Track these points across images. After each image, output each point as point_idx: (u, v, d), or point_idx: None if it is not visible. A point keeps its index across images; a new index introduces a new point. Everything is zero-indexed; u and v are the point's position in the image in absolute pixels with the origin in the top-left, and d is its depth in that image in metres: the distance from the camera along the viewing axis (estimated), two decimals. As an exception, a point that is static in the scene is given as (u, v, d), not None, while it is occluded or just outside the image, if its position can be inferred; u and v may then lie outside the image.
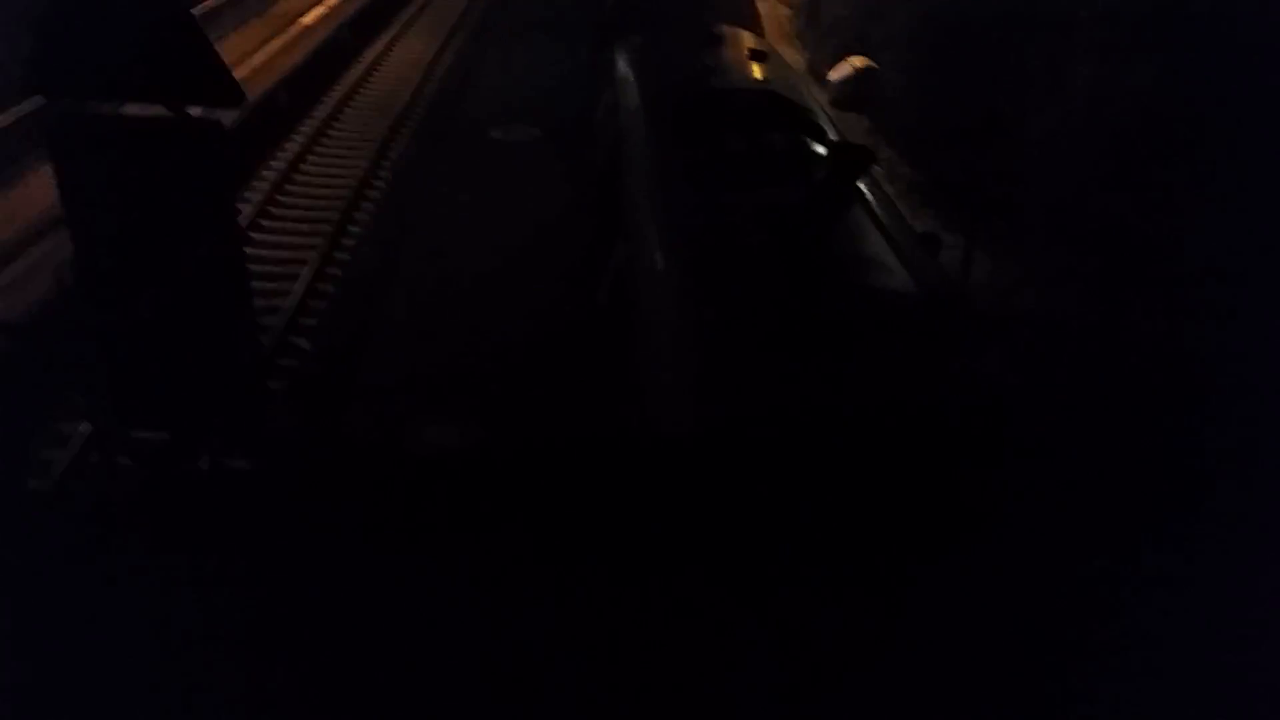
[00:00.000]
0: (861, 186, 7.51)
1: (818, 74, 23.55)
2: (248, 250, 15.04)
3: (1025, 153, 14.12)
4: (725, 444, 4.01)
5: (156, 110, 3.39)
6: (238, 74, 4.15)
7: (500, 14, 32.05)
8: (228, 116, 3.58)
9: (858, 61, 22.05)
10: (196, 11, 17.39)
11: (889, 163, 17.78)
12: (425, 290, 14.18)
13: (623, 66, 10.97)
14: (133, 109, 3.52)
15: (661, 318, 6.24)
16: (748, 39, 11.85)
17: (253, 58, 22.58)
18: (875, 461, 4.15)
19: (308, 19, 26.79)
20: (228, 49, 21.08)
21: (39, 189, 13.72)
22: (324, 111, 20.78)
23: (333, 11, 27.57)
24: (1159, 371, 9.79)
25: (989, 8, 20.36)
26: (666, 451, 3.55)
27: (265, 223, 15.66)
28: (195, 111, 3.44)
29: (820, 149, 8.31)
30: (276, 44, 23.97)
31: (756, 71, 10.16)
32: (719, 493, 3.49)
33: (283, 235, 15.45)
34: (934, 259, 7.58)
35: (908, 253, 7.06)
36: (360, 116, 21.23)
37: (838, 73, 22.23)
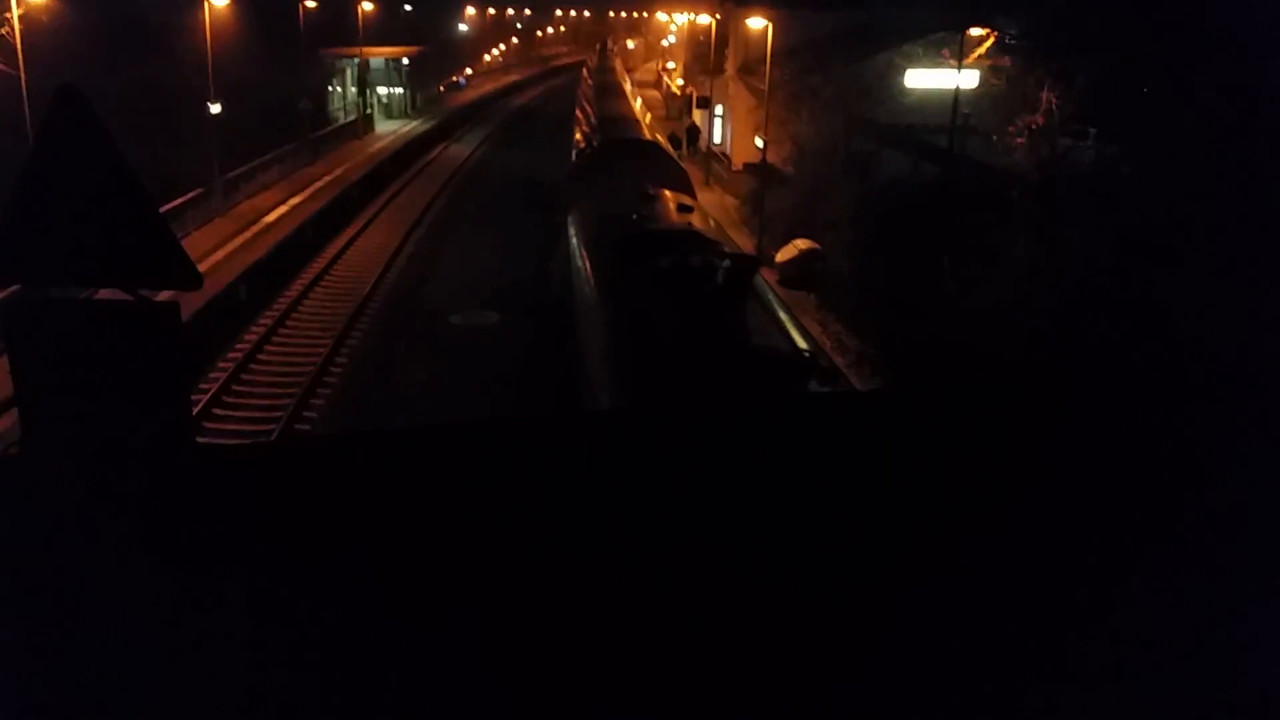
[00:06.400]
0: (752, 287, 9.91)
1: (766, 256, 24.56)
2: (206, 431, 15.01)
3: (968, 323, 14.66)
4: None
5: (116, 294, 3.48)
6: (200, 268, 4.29)
7: (460, 208, 33.34)
8: (185, 299, 3.68)
9: (802, 243, 23.08)
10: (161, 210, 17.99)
11: (837, 335, 18.32)
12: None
13: (573, 222, 13.71)
14: (92, 294, 3.61)
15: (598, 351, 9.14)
16: (678, 196, 14.75)
17: (214, 254, 23.13)
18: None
19: (270, 217, 27.64)
20: (190, 246, 21.54)
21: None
22: (286, 301, 21.13)
23: (294, 210, 28.51)
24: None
25: (925, 189, 21.56)
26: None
27: (218, 411, 15.64)
28: (153, 295, 3.53)
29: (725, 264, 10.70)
30: (240, 240, 24.64)
31: (680, 218, 13.22)
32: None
33: (235, 424, 15.40)
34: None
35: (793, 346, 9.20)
36: (322, 304, 21.59)
37: (784, 254, 23.22)
